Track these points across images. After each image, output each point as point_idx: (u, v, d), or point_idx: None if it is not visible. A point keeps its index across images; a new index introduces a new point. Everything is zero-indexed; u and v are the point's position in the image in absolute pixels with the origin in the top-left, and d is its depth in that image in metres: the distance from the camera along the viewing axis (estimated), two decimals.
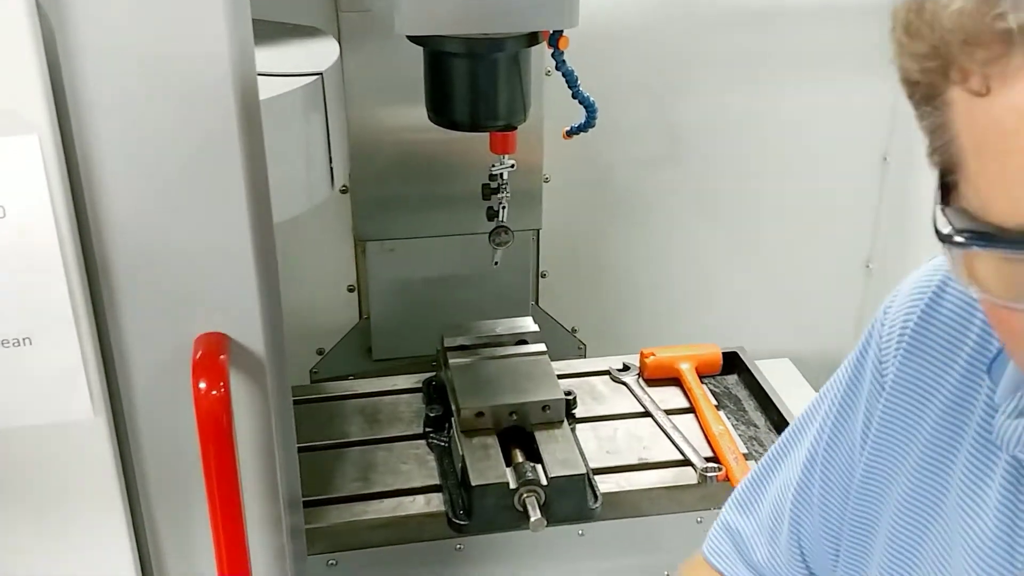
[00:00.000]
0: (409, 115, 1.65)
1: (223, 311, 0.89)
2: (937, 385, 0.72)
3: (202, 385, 0.86)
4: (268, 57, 1.18)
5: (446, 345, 1.57)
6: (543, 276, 1.94)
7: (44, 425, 0.89)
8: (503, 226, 1.49)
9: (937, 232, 0.54)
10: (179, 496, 0.97)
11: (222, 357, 0.88)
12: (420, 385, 1.62)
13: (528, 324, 1.62)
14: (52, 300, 0.83)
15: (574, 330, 1.98)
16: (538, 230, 1.85)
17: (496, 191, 1.45)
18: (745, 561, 0.92)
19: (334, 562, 1.31)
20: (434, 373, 1.62)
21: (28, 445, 0.90)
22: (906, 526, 0.73)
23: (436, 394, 1.57)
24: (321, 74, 1.20)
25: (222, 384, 0.86)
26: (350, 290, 1.90)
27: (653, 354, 1.64)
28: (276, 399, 0.98)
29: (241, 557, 0.97)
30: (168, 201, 0.84)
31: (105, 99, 0.79)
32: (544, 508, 1.29)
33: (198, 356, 0.88)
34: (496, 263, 1.55)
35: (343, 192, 1.77)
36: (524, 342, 1.58)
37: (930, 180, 0.55)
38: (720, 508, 1.40)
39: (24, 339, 0.84)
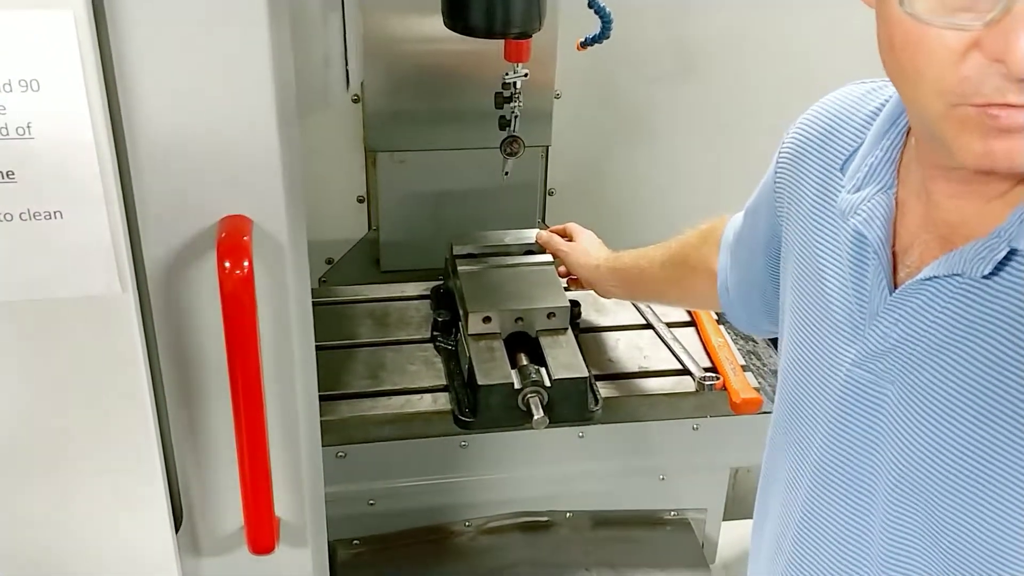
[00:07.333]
0: (423, 25, 1.66)
1: (248, 194, 0.92)
2: (806, 187, 0.88)
3: (227, 264, 0.89)
4: None
5: (455, 253, 1.59)
6: (551, 194, 1.95)
7: (72, 299, 0.92)
8: (515, 136, 1.51)
9: None
10: (201, 375, 1.01)
11: (246, 238, 0.91)
12: (428, 292, 1.65)
13: (536, 235, 1.65)
14: (83, 175, 0.86)
15: None
16: (547, 147, 1.87)
17: (509, 100, 1.46)
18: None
19: (343, 454, 1.36)
20: (442, 281, 1.65)
21: (56, 318, 0.94)
22: (798, 310, 0.86)
23: (444, 300, 1.60)
24: None
25: (246, 263, 0.89)
26: (360, 201, 1.92)
27: None
28: (295, 287, 1.01)
29: (260, 437, 1.01)
30: (198, 83, 0.86)
31: None
32: (546, 409, 1.33)
33: (222, 236, 0.91)
34: (507, 173, 1.57)
35: (355, 102, 1.78)
36: (531, 252, 1.61)
37: None
38: (716, 416, 1.45)
39: (55, 212, 0.87)
